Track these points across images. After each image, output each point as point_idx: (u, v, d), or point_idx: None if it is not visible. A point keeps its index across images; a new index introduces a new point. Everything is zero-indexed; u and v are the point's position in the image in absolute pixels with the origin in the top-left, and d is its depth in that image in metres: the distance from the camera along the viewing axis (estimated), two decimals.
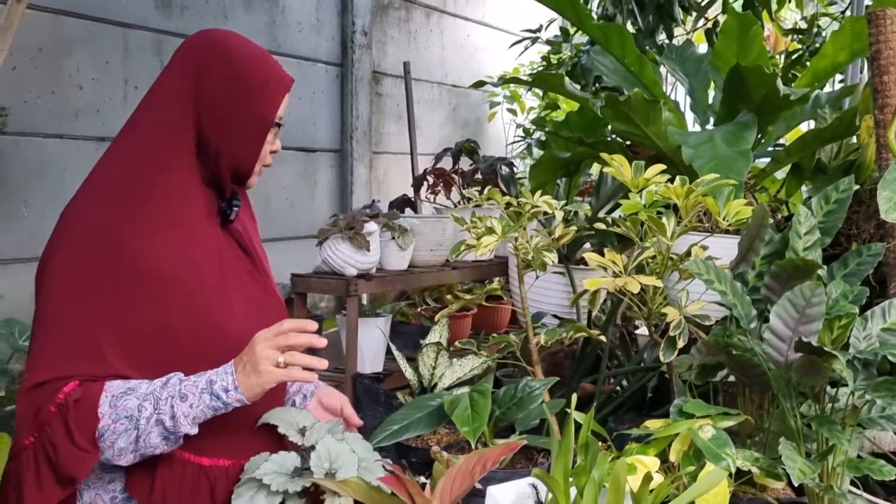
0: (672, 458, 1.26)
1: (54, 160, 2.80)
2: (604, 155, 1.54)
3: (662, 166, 1.49)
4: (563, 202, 1.80)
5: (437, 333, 1.66)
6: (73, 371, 1.19)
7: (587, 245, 2.41)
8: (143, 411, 1.17)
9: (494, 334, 1.74)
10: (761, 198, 2.18)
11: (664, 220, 1.44)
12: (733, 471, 1.18)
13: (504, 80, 2.62)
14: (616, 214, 2.56)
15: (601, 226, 1.59)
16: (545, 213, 1.65)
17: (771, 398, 1.38)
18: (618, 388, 2.23)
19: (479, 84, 2.67)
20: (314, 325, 1.23)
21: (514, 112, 4.98)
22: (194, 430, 1.20)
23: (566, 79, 2.27)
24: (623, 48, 2.12)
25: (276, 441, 1.31)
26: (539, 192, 1.68)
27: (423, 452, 1.50)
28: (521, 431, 1.50)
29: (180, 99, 1.29)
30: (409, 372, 1.61)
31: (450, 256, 1.63)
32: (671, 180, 1.48)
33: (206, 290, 1.28)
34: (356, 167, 3.99)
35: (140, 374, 1.22)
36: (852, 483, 1.34)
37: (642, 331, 2.26)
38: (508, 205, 1.66)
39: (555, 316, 2.32)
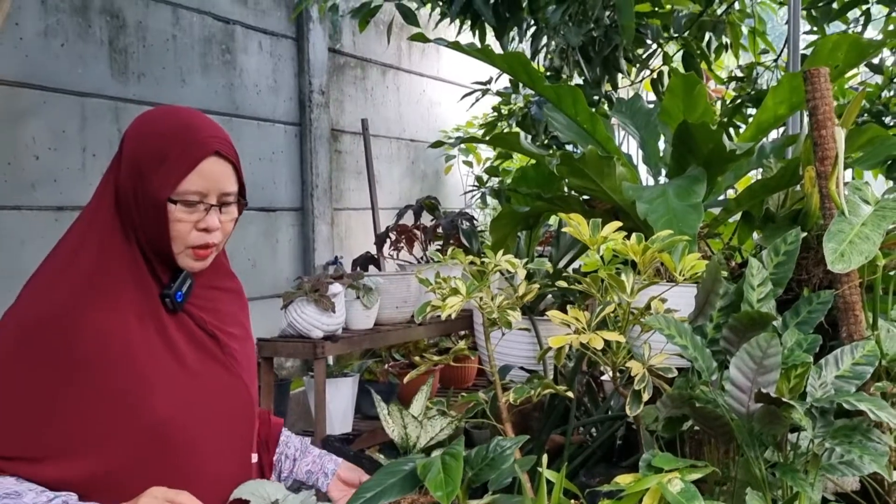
0: None
1: (12, 232, 2.77)
2: (562, 214, 1.59)
3: (619, 223, 1.54)
4: (526, 259, 1.84)
5: (424, 394, 1.68)
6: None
7: (550, 297, 2.45)
8: None
9: (464, 393, 1.76)
10: (715, 244, 2.25)
11: (623, 276, 1.49)
12: None
13: (461, 140, 2.68)
14: (577, 264, 2.63)
15: (563, 283, 1.63)
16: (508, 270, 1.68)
17: (735, 447, 1.41)
18: (587, 437, 2.26)
19: (438, 144, 2.72)
20: None
21: (469, 164, 5.07)
22: None
23: (521, 135, 2.33)
24: (575, 107, 2.18)
25: None
26: (501, 251, 1.72)
27: None
28: (495, 491, 1.51)
29: (107, 182, 1.29)
30: (395, 433, 1.61)
31: (416, 318, 1.66)
32: (628, 235, 1.52)
33: (143, 377, 1.24)
34: (317, 224, 4.01)
35: (82, 462, 1.19)
36: None
37: (609, 377, 2.29)
38: (472, 263, 1.69)
39: (522, 368, 2.34)
